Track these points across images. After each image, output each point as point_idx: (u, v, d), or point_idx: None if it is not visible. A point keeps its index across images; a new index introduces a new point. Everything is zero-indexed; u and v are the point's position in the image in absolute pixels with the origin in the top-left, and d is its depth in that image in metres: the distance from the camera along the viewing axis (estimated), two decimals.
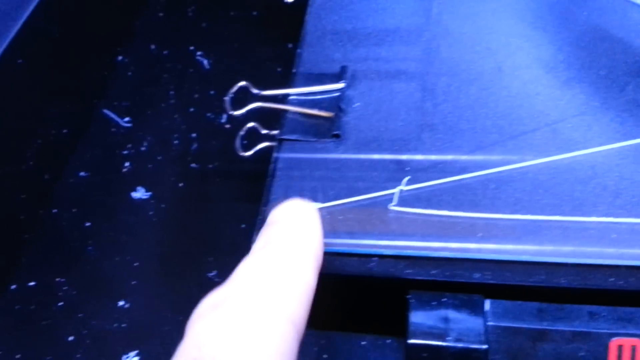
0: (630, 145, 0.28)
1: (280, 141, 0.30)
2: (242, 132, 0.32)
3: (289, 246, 0.22)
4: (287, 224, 0.23)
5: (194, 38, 0.53)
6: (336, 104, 0.31)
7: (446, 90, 0.32)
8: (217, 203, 0.41)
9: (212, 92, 0.48)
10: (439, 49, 0.34)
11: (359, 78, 0.33)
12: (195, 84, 0.49)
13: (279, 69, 0.48)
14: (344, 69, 0.33)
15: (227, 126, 0.46)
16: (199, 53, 0.52)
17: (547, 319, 0.26)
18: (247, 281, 0.21)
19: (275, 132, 0.31)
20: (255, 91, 0.32)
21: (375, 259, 0.26)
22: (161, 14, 0.56)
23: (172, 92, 0.49)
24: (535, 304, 0.27)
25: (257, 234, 0.27)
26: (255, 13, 0.55)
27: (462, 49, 0.34)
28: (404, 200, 0.27)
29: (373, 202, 0.27)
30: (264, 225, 0.24)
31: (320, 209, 0.27)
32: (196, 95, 0.48)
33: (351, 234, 0.26)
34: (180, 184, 0.42)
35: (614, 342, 0.25)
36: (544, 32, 0.34)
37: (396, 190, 0.27)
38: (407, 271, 0.26)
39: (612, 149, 0.28)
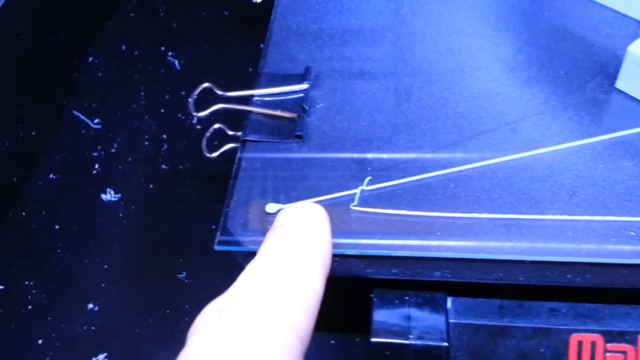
0: (587, 143, 0.28)
1: (244, 142, 0.30)
2: (208, 134, 0.32)
3: (295, 252, 0.21)
4: (293, 228, 0.22)
5: (165, 38, 0.53)
6: (300, 104, 0.31)
7: (409, 90, 0.32)
8: (187, 204, 0.41)
9: (183, 93, 0.48)
10: (403, 50, 0.34)
11: (323, 78, 0.33)
12: (166, 85, 0.49)
13: (250, 69, 0.48)
14: (308, 70, 0.33)
15: (198, 127, 0.46)
16: (170, 53, 0.51)
17: (508, 315, 0.26)
18: (251, 289, 0.20)
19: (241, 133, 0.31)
20: (219, 92, 0.32)
21: (337, 259, 0.26)
22: (132, 15, 0.55)
23: (142, 93, 0.49)
24: (496, 301, 0.27)
25: (220, 234, 0.27)
26: (226, 13, 0.55)
27: (425, 50, 0.34)
28: (366, 199, 0.28)
29: (335, 202, 0.27)
30: (271, 229, 0.23)
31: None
32: (167, 96, 0.48)
33: None
34: (151, 186, 0.42)
35: (574, 338, 0.26)
36: (506, 33, 0.34)
37: (357, 190, 0.27)
38: (369, 270, 0.26)
39: (570, 147, 0.28)
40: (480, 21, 0.35)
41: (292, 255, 0.21)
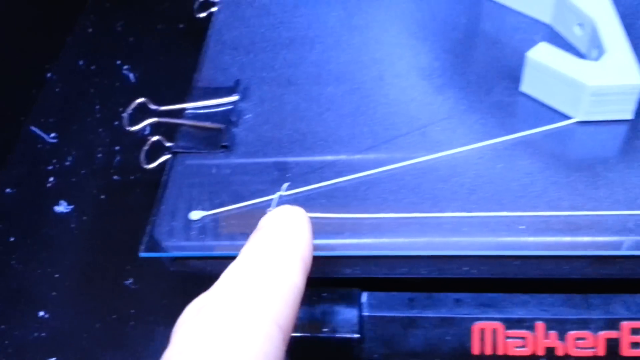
0: (489, 145, 0.30)
1: (175, 153, 0.32)
2: (146, 147, 0.34)
3: (275, 248, 0.22)
4: (274, 228, 0.23)
5: (122, 52, 0.54)
6: (228, 116, 0.33)
7: (331, 99, 0.34)
8: (137, 212, 0.42)
9: None
10: (329, 60, 0.36)
11: (252, 90, 0.35)
12: (120, 98, 0.51)
13: None
14: (238, 83, 0.35)
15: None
16: (125, 67, 0.53)
17: (417, 307, 0.29)
18: (231, 284, 0.21)
19: None
20: (153, 107, 0.34)
21: None
22: (90, 30, 0.57)
23: (98, 107, 0.50)
24: (407, 294, 0.29)
25: (145, 242, 0.29)
26: (181, 26, 0.57)
27: (350, 60, 0.36)
28: (285, 204, 0.29)
29: (256, 207, 0.29)
30: (254, 232, 0.24)
31: (206, 217, 0.29)
32: (121, 109, 0.50)
33: (233, 238, 0.28)
34: (103, 196, 0.44)
35: (476, 326, 0.28)
36: (425, 41, 0.36)
37: (275, 195, 0.29)
38: None
39: (473, 148, 0.30)
40: (403, 31, 0.37)
41: (271, 251, 0.22)
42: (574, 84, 0.29)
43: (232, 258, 0.28)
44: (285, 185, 0.30)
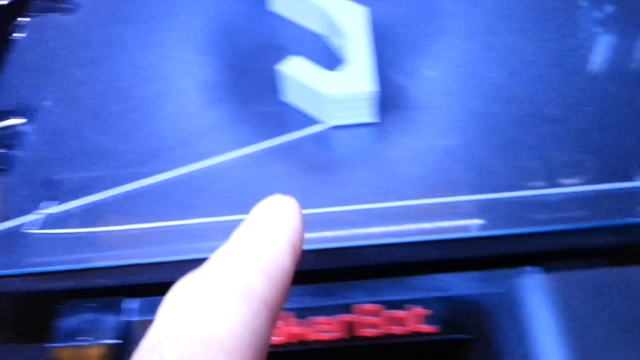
0: (248, 152, 0.32)
1: None
2: None
3: (264, 231, 0.22)
4: (264, 215, 0.23)
5: None
6: (9, 139, 0.34)
7: (113, 116, 0.35)
8: None
9: None
10: (118, 78, 0.38)
11: (39, 112, 0.36)
12: None
13: None
14: (24, 106, 0.36)
15: None
16: None
17: None
18: (219, 263, 0.21)
19: None
20: None
21: (17, 278, 0.29)
22: None
23: None
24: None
25: None
26: None
27: (138, 77, 0.38)
28: (52, 222, 0.31)
29: (17, 228, 0.30)
30: (245, 219, 0.24)
31: None
32: None
33: None
34: None
35: None
36: (210, 56, 0.38)
37: (36, 216, 0.31)
38: (47, 285, 0.29)
39: (233, 157, 0.32)
40: (193, 47, 0.39)
41: (260, 233, 0.22)
42: (315, 93, 0.32)
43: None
44: (51, 203, 0.31)
